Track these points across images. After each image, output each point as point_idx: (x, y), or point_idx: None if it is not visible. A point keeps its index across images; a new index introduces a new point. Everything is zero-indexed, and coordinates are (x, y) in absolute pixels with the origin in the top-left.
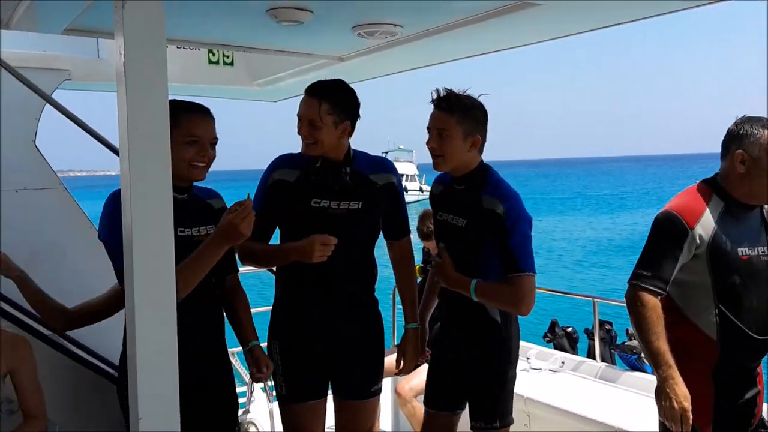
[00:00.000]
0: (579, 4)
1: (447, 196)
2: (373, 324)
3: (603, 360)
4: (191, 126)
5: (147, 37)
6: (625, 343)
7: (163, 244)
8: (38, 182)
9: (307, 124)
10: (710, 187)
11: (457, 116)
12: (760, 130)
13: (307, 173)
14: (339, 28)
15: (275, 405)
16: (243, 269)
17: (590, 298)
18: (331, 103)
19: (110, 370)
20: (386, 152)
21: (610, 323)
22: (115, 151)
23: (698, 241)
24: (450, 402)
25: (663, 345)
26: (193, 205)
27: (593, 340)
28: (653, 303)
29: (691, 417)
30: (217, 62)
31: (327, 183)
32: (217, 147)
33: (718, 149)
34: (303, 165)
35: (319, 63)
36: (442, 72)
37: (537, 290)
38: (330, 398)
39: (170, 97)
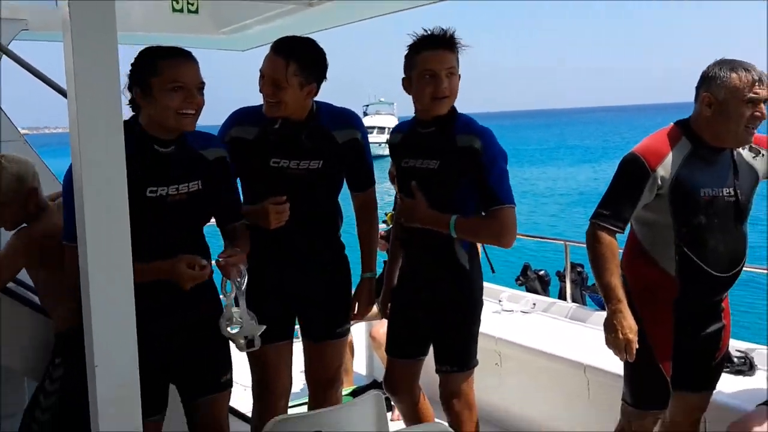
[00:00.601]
0: None
1: (411, 141)
2: (338, 268)
3: (574, 301)
4: (174, 72)
5: None
6: (596, 284)
7: (115, 205)
8: None
9: (270, 83)
10: (681, 129)
11: (456, 53)
12: (728, 72)
13: (265, 132)
14: None
15: None
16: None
17: (562, 242)
18: (299, 64)
19: None
20: (367, 105)
21: (581, 265)
22: None
23: (659, 182)
24: (413, 348)
25: (614, 280)
26: (180, 157)
27: (564, 282)
28: (608, 240)
29: (635, 347)
30: (181, 10)
31: (285, 143)
32: None
33: None
34: (262, 122)
35: (288, 9)
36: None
37: None
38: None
39: (137, 47)
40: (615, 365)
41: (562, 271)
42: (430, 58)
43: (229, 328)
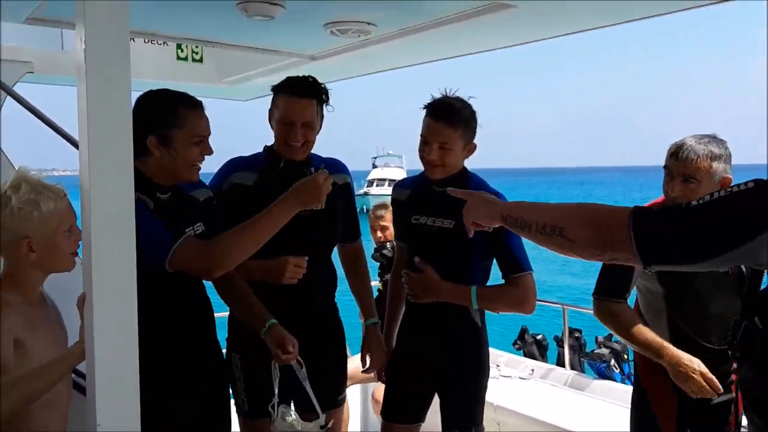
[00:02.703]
0: (556, 5)
1: (423, 199)
2: (335, 333)
3: (572, 368)
4: (198, 125)
5: (109, 27)
6: (594, 351)
7: (123, 248)
8: None
9: (301, 126)
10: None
11: (461, 130)
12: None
13: (267, 177)
14: (311, 25)
15: None
16: None
17: (560, 305)
18: (320, 102)
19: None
20: (375, 157)
21: (580, 331)
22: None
23: None
24: (413, 413)
25: (645, 335)
26: (177, 202)
27: (563, 347)
28: (617, 308)
29: (711, 376)
30: (185, 58)
31: (287, 187)
32: None
33: None
34: (261, 168)
35: (291, 62)
36: (424, 70)
37: None
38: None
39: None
40: None
41: (560, 336)
42: (428, 126)
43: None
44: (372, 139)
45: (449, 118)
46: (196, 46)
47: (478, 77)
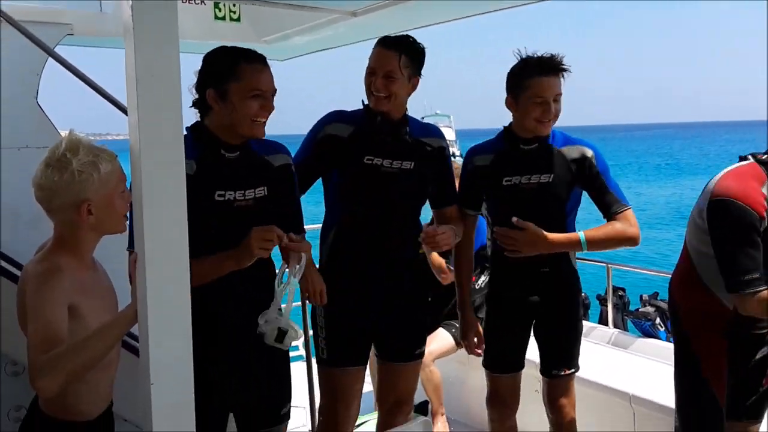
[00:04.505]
0: None
1: (512, 159)
2: (417, 284)
3: (615, 326)
4: (255, 78)
5: None
6: (639, 310)
7: (175, 212)
8: (41, 141)
9: (383, 75)
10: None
11: (562, 77)
12: None
13: (362, 131)
14: None
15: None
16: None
17: (604, 264)
18: (409, 56)
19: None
20: (423, 117)
21: (623, 289)
22: (124, 110)
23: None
24: (519, 361)
25: None
26: (245, 163)
27: (606, 306)
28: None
29: None
30: (223, 18)
31: (384, 141)
32: None
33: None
34: (358, 122)
35: (331, 18)
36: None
37: None
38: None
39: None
40: (662, 396)
41: (603, 294)
42: (541, 85)
43: (264, 320)
44: (418, 97)
45: (558, 69)
46: (234, 5)
47: (531, 30)
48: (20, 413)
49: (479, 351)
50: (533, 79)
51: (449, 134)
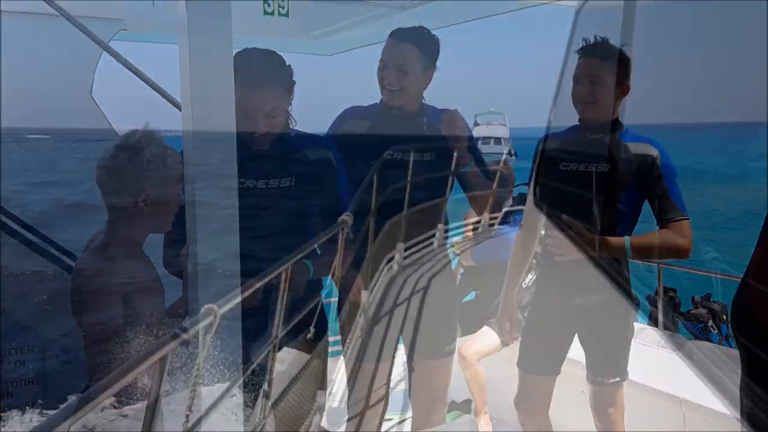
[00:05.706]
0: None
1: (575, 146)
2: (447, 278)
3: (665, 328)
4: (244, 98)
5: None
6: (691, 312)
7: (226, 213)
8: (95, 134)
9: (395, 69)
10: None
11: (611, 63)
12: None
13: (379, 126)
14: None
15: None
16: None
17: (655, 264)
18: (420, 49)
19: None
20: (477, 115)
21: (674, 290)
22: (178, 106)
23: None
24: (553, 364)
25: None
26: (273, 154)
27: (656, 307)
28: None
29: None
30: (272, 13)
31: (401, 134)
32: None
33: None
34: (375, 117)
35: (378, 12)
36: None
37: None
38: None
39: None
40: (714, 401)
41: (653, 295)
42: (578, 65)
43: None
44: (462, 93)
45: (594, 51)
46: (283, 0)
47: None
48: None
49: (513, 336)
50: (578, 60)
51: (504, 131)
